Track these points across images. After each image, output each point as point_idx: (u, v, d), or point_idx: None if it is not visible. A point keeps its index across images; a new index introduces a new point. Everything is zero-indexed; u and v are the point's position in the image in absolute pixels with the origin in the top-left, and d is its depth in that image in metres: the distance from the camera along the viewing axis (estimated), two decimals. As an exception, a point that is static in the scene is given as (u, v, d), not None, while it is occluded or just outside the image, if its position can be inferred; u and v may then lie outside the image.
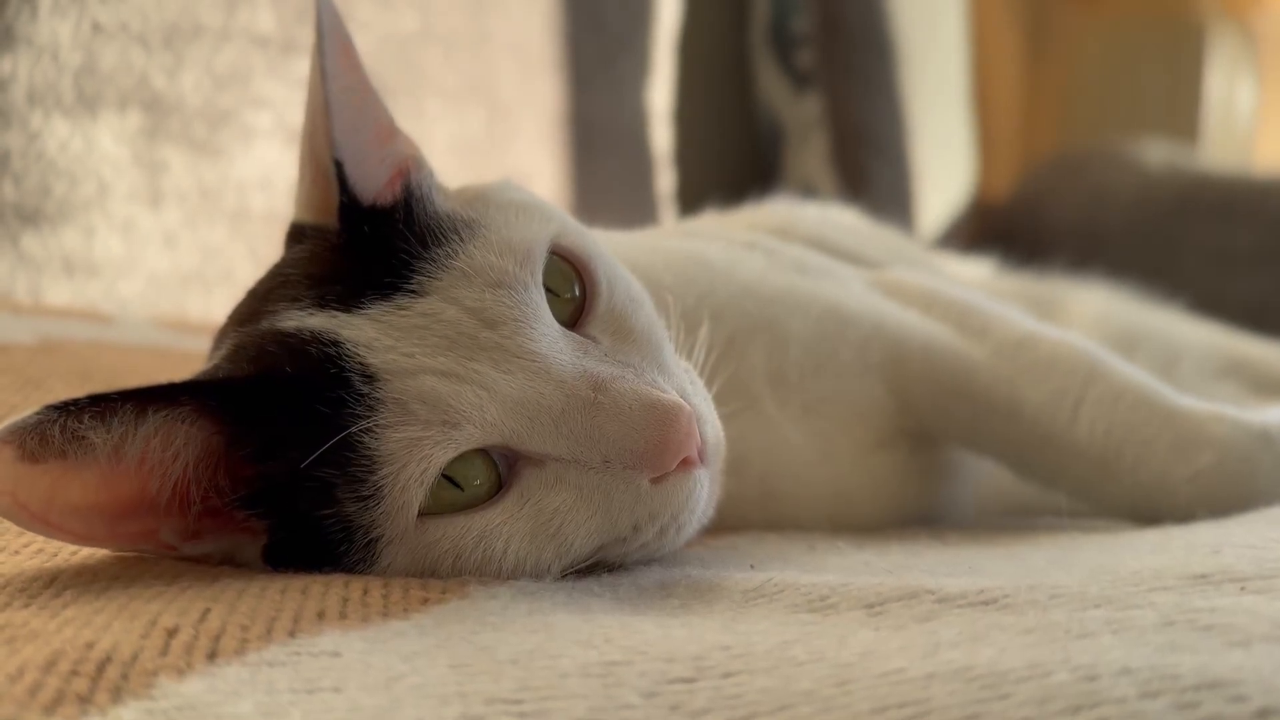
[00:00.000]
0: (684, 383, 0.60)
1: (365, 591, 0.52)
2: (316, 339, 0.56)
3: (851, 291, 0.81)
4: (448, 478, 0.55)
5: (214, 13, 1.20)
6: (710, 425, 0.60)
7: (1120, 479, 0.74)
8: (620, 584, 0.58)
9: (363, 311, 0.56)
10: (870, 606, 0.49)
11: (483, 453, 0.56)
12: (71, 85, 1.10)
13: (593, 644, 0.44)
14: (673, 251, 0.79)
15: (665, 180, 1.78)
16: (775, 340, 0.76)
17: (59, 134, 1.10)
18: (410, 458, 0.54)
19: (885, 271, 0.88)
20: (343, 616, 0.48)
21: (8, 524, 0.60)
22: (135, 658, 0.42)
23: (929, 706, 0.36)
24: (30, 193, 1.08)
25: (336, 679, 0.40)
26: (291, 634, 0.45)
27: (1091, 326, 1.07)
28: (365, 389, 0.54)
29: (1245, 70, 2.94)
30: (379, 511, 0.55)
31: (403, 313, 0.56)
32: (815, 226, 0.97)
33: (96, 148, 1.12)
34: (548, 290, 0.59)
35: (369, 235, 0.59)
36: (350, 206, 0.60)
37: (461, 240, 0.59)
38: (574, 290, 0.60)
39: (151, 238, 1.16)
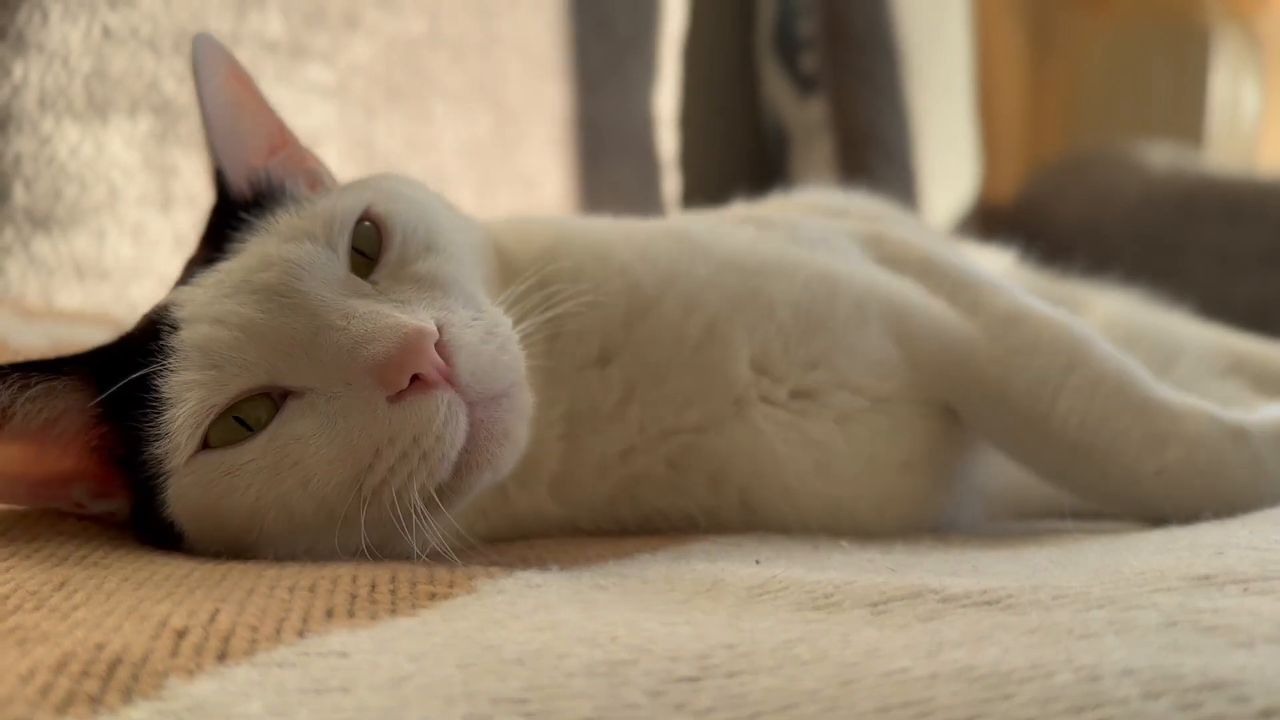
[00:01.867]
0: (456, 316, 0.62)
1: (373, 588, 0.53)
2: (161, 307, 0.64)
3: (846, 259, 0.79)
4: (239, 420, 0.60)
5: (223, 17, 1.20)
6: (468, 355, 0.60)
7: (1092, 468, 0.74)
8: (627, 576, 0.58)
9: (193, 281, 0.64)
10: (874, 605, 0.50)
11: (267, 396, 0.60)
12: (82, 90, 1.11)
13: (598, 642, 0.44)
14: (646, 230, 0.79)
15: (671, 183, 1.78)
16: (759, 311, 0.74)
17: (70, 138, 1.10)
18: (184, 400, 0.60)
19: (883, 228, 0.85)
20: (351, 615, 0.49)
21: (18, 530, 0.61)
22: (145, 659, 0.42)
23: (932, 706, 0.37)
24: (41, 197, 1.09)
25: (345, 679, 0.41)
26: (300, 634, 0.46)
27: (1099, 325, 1.06)
28: (166, 340, 0.61)
29: (1250, 72, 2.94)
30: (164, 449, 0.60)
31: (213, 273, 0.63)
32: (842, 207, 0.98)
33: (107, 152, 1.12)
34: (360, 253, 0.64)
35: (231, 224, 0.66)
36: (222, 205, 0.68)
37: (284, 211, 0.65)
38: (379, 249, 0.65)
39: (162, 241, 1.16)
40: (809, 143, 1.99)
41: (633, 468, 0.73)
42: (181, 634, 0.45)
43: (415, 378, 0.58)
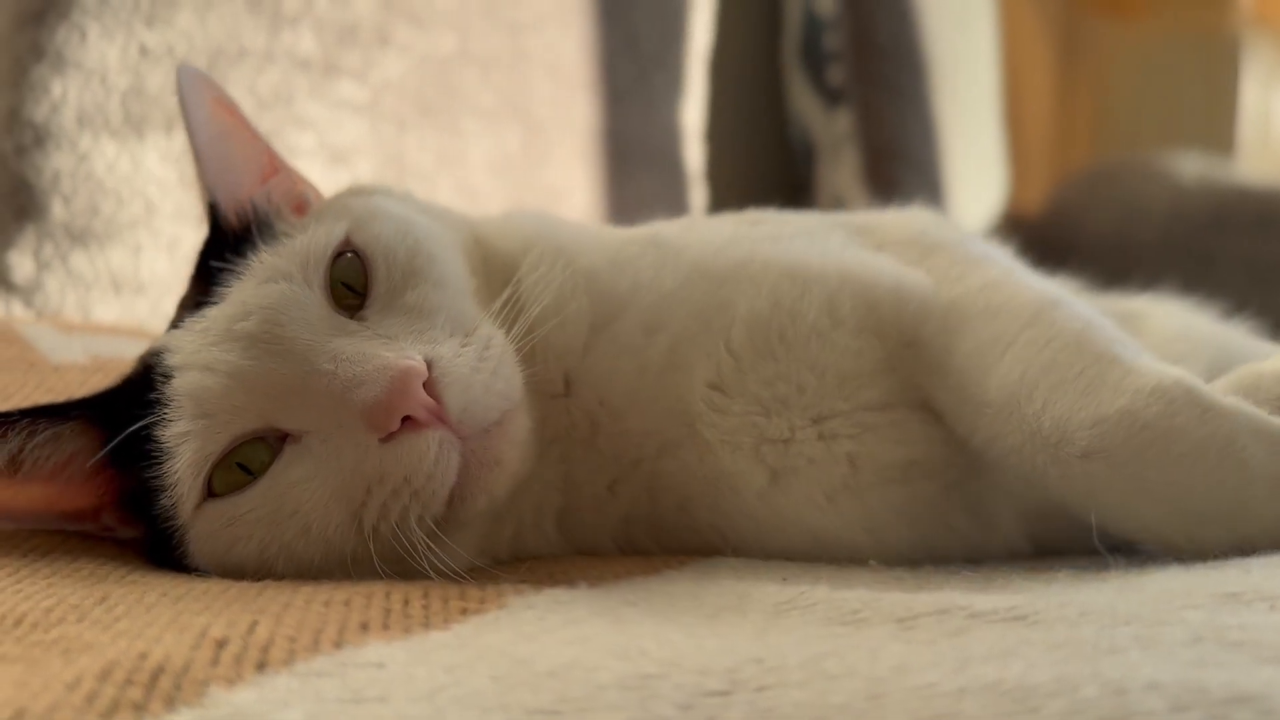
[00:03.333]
0: (444, 349, 0.61)
1: (406, 603, 0.54)
2: (154, 353, 0.64)
3: (825, 247, 0.72)
4: (242, 466, 0.60)
5: (257, 35, 1.22)
6: (458, 391, 0.59)
7: (1024, 425, 0.62)
8: (654, 592, 0.58)
9: (183, 325, 0.63)
10: (902, 621, 0.50)
11: (264, 440, 0.60)
12: (119, 107, 1.13)
13: (628, 656, 0.44)
14: (620, 237, 0.76)
15: (698, 196, 1.79)
16: (723, 327, 0.69)
17: (107, 155, 1.12)
18: (181, 451, 0.60)
19: (884, 214, 0.81)
20: (385, 628, 0.50)
21: (58, 552, 0.64)
22: (187, 668, 0.43)
23: (960, 720, 0.37)
24: (79, 212, 1.11)
25: (382, 689, 0.42)
26: (337, 645, 0.47)
27: (1156, 340, 0.88)
28: (163, 388, 0.61)
29: (1282, 81, 2.92)
30: (173, 501, 0.61)
31: (200, 319, 0.63)
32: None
33: (143, 168, 1.14)
34: (349, 288, 0.63)
35: (219, 261, 0.65)
36: (212, 240, 0.67)
37: (264, 250, 0.64)
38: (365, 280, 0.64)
39: (195, 256, 1.18)
40: (836, 155, 1.99)
41: (621, 501, 0.70)
42: (221, 644, 0.45)
43: (406, 418, 0.58)
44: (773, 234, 0.74)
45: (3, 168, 1.10)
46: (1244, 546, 0.59)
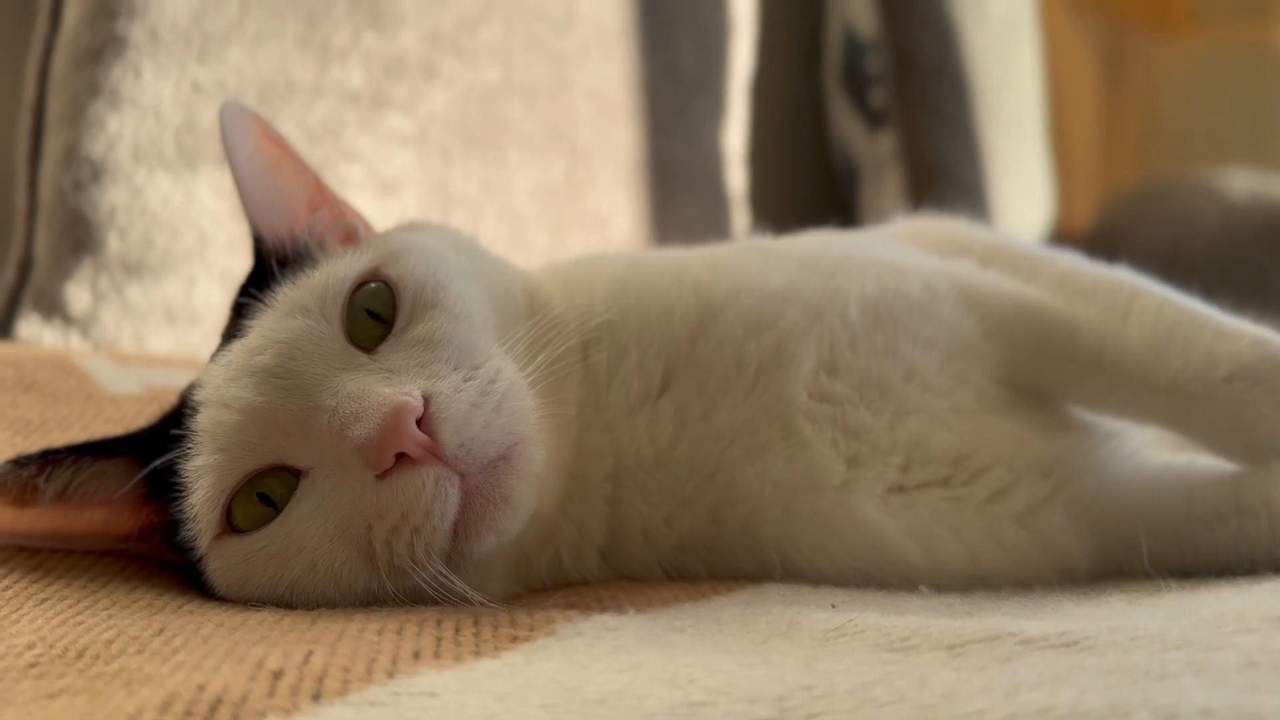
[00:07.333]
0: (445, 383, 0.60)
1: (457, 630, 0.54)
2: (190, 387, 0.65)
3: (905, 253, 0.79)
4: (264, 497, 0.61)
5: (306, 70, 1.24)
6: (453, 427, 0.59)
7: (1171, 363, 0.72)
8: (703, 619, 0.59)
9: (216, 359, 0.65)
10: (951, 648, 0.50)
11: (286, 470, 0.61)
12: (173, 142, 1.15)
13: (677, 684, 0.45)
14: (715, 248, 0.79)
15: (741, 220, 1.79)
16: (836, 313, 0.72)
17: (161, 189, 1.15)
18: (199, 484, 0.61)
19: (940, 221, 0.87)
20: (437, 656, 0.50)
21: (116, 582, 0.65)
22: (245, 699, 0.44)
23: (1010, 748, 0.37)
24: (134, 245, 1.13)
25: (435, 718, 0.42)
26: (390, 674, 0.47)
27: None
28: (188, 423, 0.62)
29: (1333, 95, 2.88)
30: (194, 533, 0.62)
31: (227, 352, 0.64)
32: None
33: (196, 201, 1.16)
34: (375, 316, 0.63)
35: (244, 297, 0.66)
36: (253, 273, 0.68)
37: (289, 284, 0.65)
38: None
39: (247, 287, 1.20)
40: (879, 177, 1.99)
41: (678, 530, 0.71)
42: (278, 675, 0.46)
43: (401, 455, 0.58)
44: (851, 241, 0.80)
45: (60, 203, 1.13)
46: None
